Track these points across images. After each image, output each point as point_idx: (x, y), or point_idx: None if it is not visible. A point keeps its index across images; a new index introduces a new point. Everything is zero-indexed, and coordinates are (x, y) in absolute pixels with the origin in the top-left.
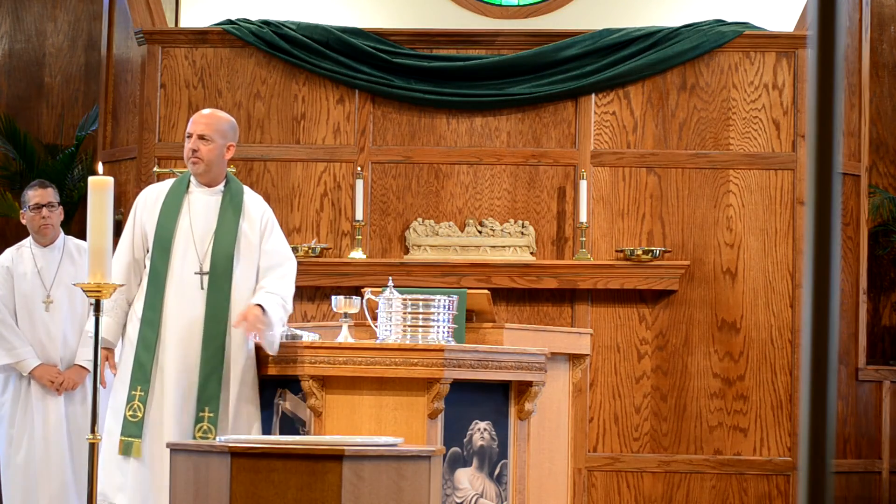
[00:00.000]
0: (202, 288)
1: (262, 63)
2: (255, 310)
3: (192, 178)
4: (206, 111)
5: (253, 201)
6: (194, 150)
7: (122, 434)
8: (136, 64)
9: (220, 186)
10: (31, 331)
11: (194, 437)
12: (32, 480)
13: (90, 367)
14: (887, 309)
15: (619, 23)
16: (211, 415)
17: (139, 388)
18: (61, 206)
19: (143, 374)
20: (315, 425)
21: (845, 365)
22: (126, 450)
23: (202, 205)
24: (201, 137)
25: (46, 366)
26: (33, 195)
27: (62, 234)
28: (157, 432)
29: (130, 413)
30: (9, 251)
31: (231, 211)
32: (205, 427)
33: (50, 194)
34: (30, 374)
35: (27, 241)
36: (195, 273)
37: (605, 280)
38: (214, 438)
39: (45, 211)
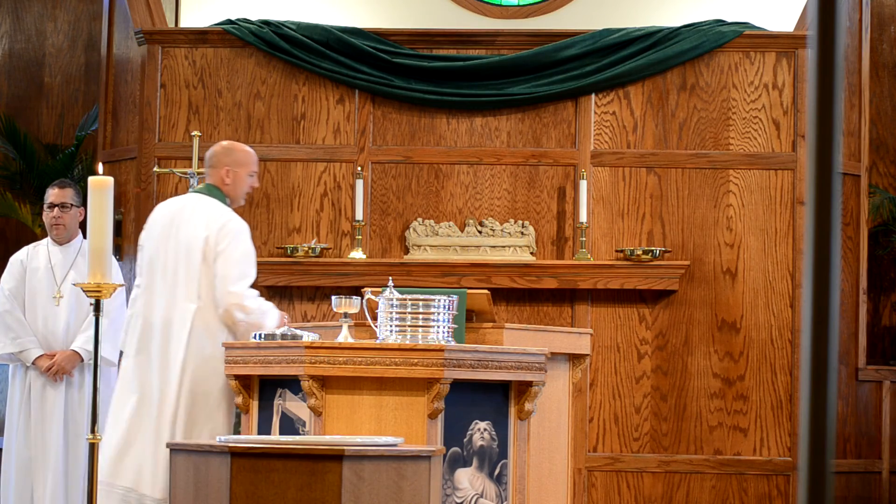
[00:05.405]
0: None
1: (262, 63)
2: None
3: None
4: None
5: None
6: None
7: None
8: (136, 64)
9: None
10: (34, 322)
11: None
12: (28, 470)
13: (85, 355)
14: (887, 309)
15: (619, 23)
16: None
17: None
18: (82, 208)
19: None
20: (315, 425)
21: (845, 365)
22: None
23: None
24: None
25: (46, 355)
26: (50, 194)
27: (80, 235)
28: None
29: None
30: (27, 247)
31: None
32: None
33: (66, 195)
34: (32, 363)
35: (46, 240)
36: None
37: (605, 280)
38: None
39: (56, 211)
